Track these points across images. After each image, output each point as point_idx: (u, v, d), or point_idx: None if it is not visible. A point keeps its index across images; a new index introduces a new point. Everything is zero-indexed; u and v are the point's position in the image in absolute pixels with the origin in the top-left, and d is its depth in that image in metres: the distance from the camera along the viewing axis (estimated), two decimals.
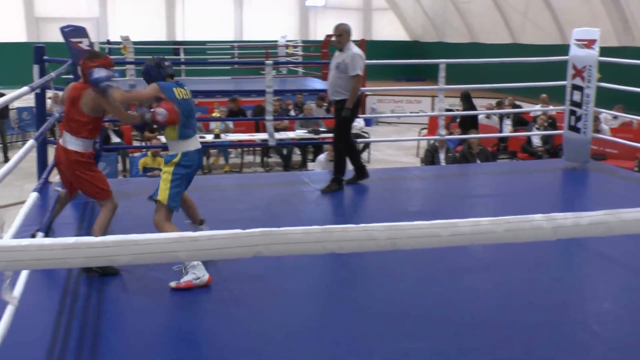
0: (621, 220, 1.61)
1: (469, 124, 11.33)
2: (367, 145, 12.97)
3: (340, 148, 6.22)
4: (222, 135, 11.24)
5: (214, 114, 12.58)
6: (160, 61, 4.15)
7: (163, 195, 3.98)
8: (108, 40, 22.57)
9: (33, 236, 4.03)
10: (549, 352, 3.18)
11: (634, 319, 3.64)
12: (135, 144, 12.47)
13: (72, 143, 4.11)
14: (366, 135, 13.14)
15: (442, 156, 9.87)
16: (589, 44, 7.16)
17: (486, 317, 3.56)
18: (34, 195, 4.13)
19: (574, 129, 7.26)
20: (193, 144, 4.08)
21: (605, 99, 8.81)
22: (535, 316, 3.56)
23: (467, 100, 11.79)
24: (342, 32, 6.07)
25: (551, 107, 11.53)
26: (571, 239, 4.24)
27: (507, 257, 4.39)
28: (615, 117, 12.30)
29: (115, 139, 11.26)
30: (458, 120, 12.21)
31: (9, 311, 2.77)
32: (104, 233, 4.11)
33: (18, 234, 3.41)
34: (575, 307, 3.77)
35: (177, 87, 4.07)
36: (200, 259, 1.17)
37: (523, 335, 3.34)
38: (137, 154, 10.75)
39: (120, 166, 10.91)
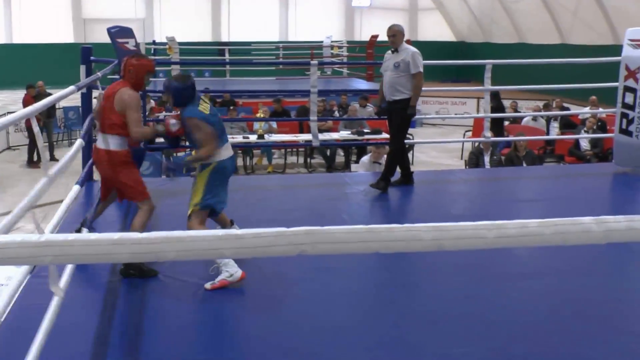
0: None
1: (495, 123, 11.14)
2: (411, 147, 12.88)
3: (397, 149, 6.21)
4: (266, 136, 11.31)
5: (258, 115, 12.67)
6: (187, 81, 4.04)
7: (195, 199, 3.96)
8: (154, 41, 22.96)
9: (78, 231, 4.10)
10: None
11: None
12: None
13: (107, 142, 4.12)
14: (410, 136, 13.05)
15: (486, 159, 9.73)
16: None
17: (533, 324, 3.48)
18: (75, 189, 4.20)
19: (625, 132, 7.06)
20: (228, 150, 4.08)
21: None
22: (585, 326, 3.47)
23: (496, 99, 11.57)
24: (395, 32, 6.07)
25: (601, 110, 11.26)
26: (624, 246, 4.16)
27: (558, 265, 4.28)
28: None
29: (159, 139, 11.40)
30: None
31: (55, 302, 2.83)
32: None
33: (61, 228, 3.48)
34: (627, 317, 3.66)
35: (200, 104, 4.02)
36: (246, 256, 1.18)
37: (571, 344, 3.26)
38: (181, 154, 10.88)
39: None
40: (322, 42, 23.04)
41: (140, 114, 4.21)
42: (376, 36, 21.00)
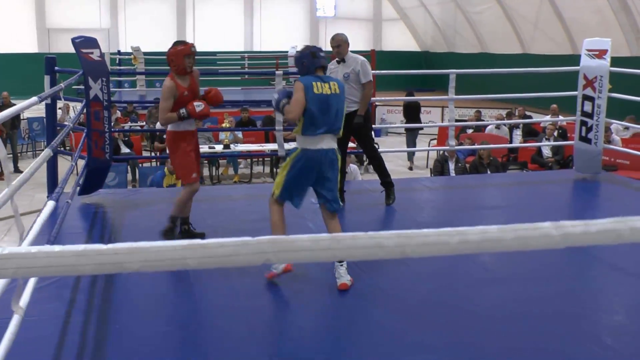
0: (632, 227, 1.59)
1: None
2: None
3: (376, 153, 6.28)
4: (232, 146, 11.28)
5: (223, 125, 12.63)
6: (316, 50, 4.03)
7: (276, 185, 4.07)
8: (119, 51, 22.75)
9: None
10: None
11: None
12: (145, 154, 12.56)
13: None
14: (376, 145, 13.14)
15: (452, 167, 9.86)
16: (600, 54, 7.14)
17: (498, 328, 3.54)
18: (50, 205, 4.15)
19: (585, 139, 7.23)
20: (316, 142, 3.93)
21: (617, 110, 8.80)
22: (548, 328, 3.54)
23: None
24: (340, 42, 5.77)
25: (561, 118, 11.50)
26: (584, 251, 4.25)
27: (521, 270, 4.36)
28: (626, 128, 12.26)
29: (124, 149, 11.32)
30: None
31: (15, 321, 2.78)
32: (180, 212, 4.82)
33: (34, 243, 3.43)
34: (588, 319, 3.74)
35: (317, 81, 3.93)
36: (211, 266, 1.17)
37: (535, 347, 3.31)
38: (147, 164, 10.82)
39: (129, 176, 10.96)
40: (287, 52, 23.12)
41: (169, 102, 4.61)
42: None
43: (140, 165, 11.26)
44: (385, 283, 4.14)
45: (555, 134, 11.51)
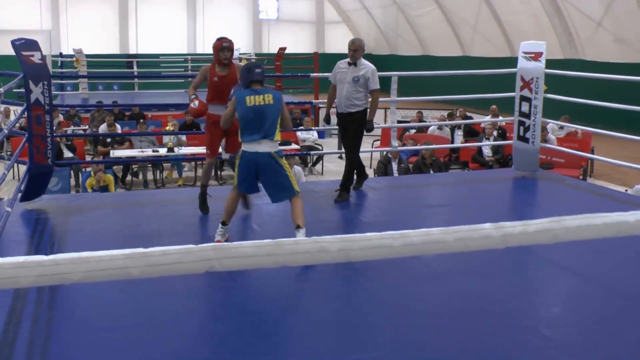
0: (566, 227, 1.67)
1: None
2: (320, 157, 13.03)
3: (356, 159, 6.49)
4: (176, 149, 11.14)
5: (167, 128, 12.47)
6: (251, 66, 4.67)
7: (234, 176, 4.73)
8: (61, 53, 22.20)
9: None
10: (501, 356, 3.25)
11: (582, 322, 3.74)
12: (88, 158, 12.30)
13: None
14: (319, 147, 13.21)
15: (395, 167, 10.00)
16: (536, 56, 7.36)
17: (440, 325, 3.62)
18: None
19: (523, 139, 7.44)
20: (253, 146, 4.54)
21: (552, 110, 9.07)
22: (488, 323, 3.63)
23: None
24: (358, 47, 6.18)
25: (501, 118, 11.80)
26: (523, 247, 4.38)
27: (462, 266, 4.47)
28: (561, 128, 12.67)
29: (67, 154, 11.05)
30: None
31: None
32: (204, 179, 5.86)
33: None
34: (527, 313, 3.86)
35: (251, 94, 4.55)
36: (154, 275, 1.16)
37: (476, 342, 3.40)
38: (89, 169, 10.59)
39: (72, 181, 10.71)
40: None
41: (198, 79, 5.67)
42: (284, 49, 21.15)
43: (83, 169, 11.01)
44: (329, 282, 4.17)
45: (495, 134, 11.81)
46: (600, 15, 17.09)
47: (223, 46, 5.53)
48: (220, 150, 5.98)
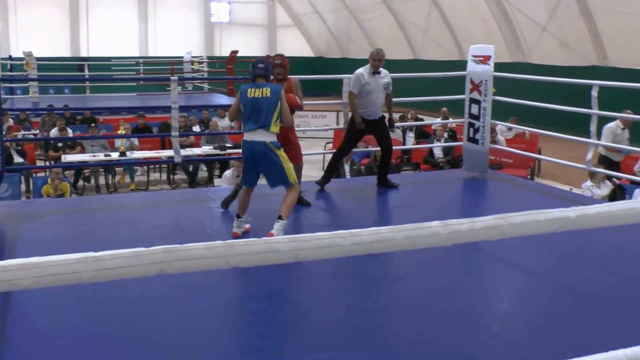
0: (511, 223, 1.71)
1: None
2: None
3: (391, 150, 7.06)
4: (128, 153, 10.98)
5: (119, 131, 12.30)
6: (255, 62, 5.02)
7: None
8: (10, 56, 21.61)
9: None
10: (454, 355, 3.31)
11: (529, 318, 3.84)
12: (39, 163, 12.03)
13: None
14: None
15: (347, 169, 10.08)
16: (484, 60, 7.53)
17: (392, 324, 3.67)
18: None
19: (472, 140, 7.59)
20: (250, 135, 4.86)
21: (501, 112, 9.27)
22: (439, 321, 3.70)
23: None
24: (383, 58, 6.83)
25: (451, 120, 12.00)
26: (471, 244, 4.48)
27: (412, 265, 4.54)
28: (509, 129, 12.97)
29: (18, 159, 10.78)
30: None
31: None
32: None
33: None
34: (476, 310, 3.94)
35: (252, 87, 4.91)
36: (105, 279, 1.16)
37: (428, 340, 3.46)
38: (41, 174, 10.36)
39: (23, 187, 10.45)
40: (182, 57, 22.79)
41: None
42: (236, 52, 21.09)
43: (34, 175, 10.76)
44: (281, 284, 4.18)
45: (446, 135, 12.02)
46: (545, 20, 17.56)
47: (275, 63, 5.72)
48: (172, 153, 5.93)
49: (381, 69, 6.84)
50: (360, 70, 6.83)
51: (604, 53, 16.34)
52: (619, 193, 8.13)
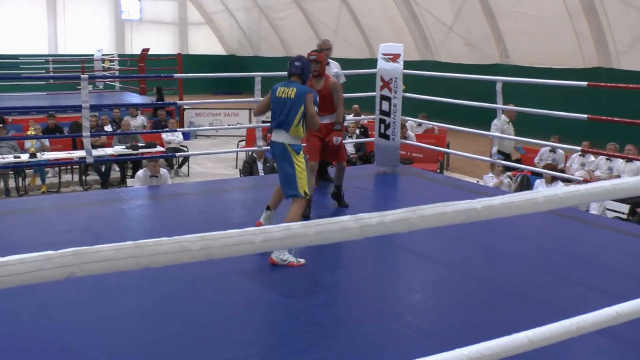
0: (421, 216, 1.77)
1: None
2: (186, 159, 12.86)
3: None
4: (38, 154, 10.56)
5: (29, 132, 11.82)
6: (292, 59, 4.94)
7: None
8: None
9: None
10: (370, 346, 3.40)
11: (440, 306, 4.00)
12: None
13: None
14: (185, 148, 13.04)
15: (260, 167, 10.11)
16: (394, 58, 7.71)
17: (307, 318, 3.72)
18: None
19: (384, 136, 7.77)
20: (274, 135, 4.85)
21: (411, 108, 9.53)
22: (355, 313, 3.80)
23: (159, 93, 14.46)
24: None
25: (363, 117, 12.22)
26: (385, 238, 4.60)
27: (324, 258, 4.62)
28: (419, 125, 13.33)
29: None
30: None
31: None
32: (339, 180, 6.22)
33: None
34: (391, 301, 4.06)
35: (283, 86, 4.85)
36: (13, 284, 1.14)
37: (344, 333, 3.54)
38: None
39: None
40: (93, 55, 22.12)
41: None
42: (147, 50, 20.66)
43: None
44: (195, 283, 4.16)
45: (358, 131, 12.23)
46: (451, 20, 18.14)
47: (310, 59, 5.66)
48: (84, 154, 5.73)
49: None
50: (334, 68, 6.78)
51: (506, 52, 17.07)
52: (525, 183, 8.58)
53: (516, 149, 10.69)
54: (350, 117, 13.16)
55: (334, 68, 6.77)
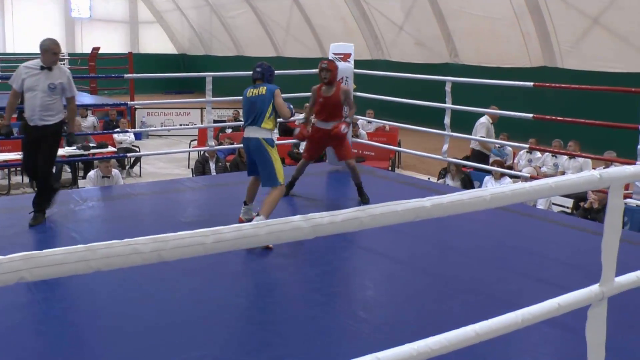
0: (371, 215, 1.80)
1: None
2: (138, 159, 12.69)
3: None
4: None
5: None
6: (255, 66, 5.44)
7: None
8: None
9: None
10: (323, 343, 3.43)
11: (393, 302, 4.07)
12: None
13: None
14: (136, 149, 12.87)
15: (212, 166, 10.07)
16: (345, 57, 7.78)
17: (260, 318, 3.75)
18: None
19: None
20: (246, 132, 5.24)
21: (362, 107, 9.63)
22: (308, 311, 3.83)
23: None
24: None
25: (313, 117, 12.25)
26: (339, 236, 4.64)
27: (279, 258, 4.64)
28: (370, 122, 13.46)
29: None
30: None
31: None
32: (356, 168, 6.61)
33: None
34: (345, 298, 4.12)
35: (252, 88, 5.34)
36: None
37: (297, 330, 3.57)
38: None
39: None
40: None
41: (311, 100, 6.63)
42: (98, 48, 20.30)
43: None
44: (148, 284, 4.13)
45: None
46: (402, 20, 18.36)
47: (322, 67, 6.22)
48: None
49: None
50: None
51: (455, 51, 17.37)
52: (468, 182, 8.73)
53: (493, 153, 10.71)
54: (301, 116, 13.21)
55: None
